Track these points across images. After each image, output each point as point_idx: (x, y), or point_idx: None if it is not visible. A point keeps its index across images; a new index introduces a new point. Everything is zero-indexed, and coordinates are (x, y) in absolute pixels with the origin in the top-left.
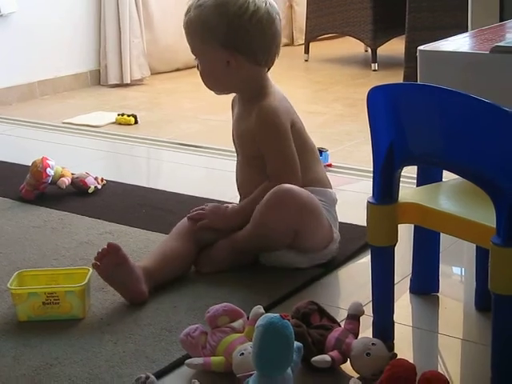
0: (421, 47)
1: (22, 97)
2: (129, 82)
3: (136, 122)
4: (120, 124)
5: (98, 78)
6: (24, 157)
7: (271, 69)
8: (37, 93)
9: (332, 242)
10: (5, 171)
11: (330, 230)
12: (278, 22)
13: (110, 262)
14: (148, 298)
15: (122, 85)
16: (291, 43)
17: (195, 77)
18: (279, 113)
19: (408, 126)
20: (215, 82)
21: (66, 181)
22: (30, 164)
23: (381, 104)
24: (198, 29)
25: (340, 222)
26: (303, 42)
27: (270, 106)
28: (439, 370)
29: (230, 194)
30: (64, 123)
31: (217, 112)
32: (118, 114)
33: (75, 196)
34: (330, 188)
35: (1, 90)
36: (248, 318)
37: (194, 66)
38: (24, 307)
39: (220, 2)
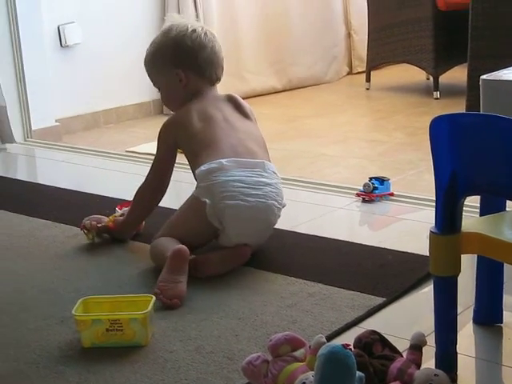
0: (483, 76)
1: (87, 126)
2: None
3: None
4: (181, 152)
5: (160, 108)
6: (87, 185)
7: (334, 97)
8: (101, 122)
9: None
10: (69, 199)
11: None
12: (216, 41)
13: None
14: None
15: None
16: (350, 71)
17: (260, 104)
18: (166, 124)
19: (471, 156)
20: (173, 101)
21: None
22: (93, 192)
23: (443, 134)
24: (152, 60)
25: (401, 252)
26: (362, 69)
27: (168, 118)
28: None
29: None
30: (127, 152)
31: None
32: None
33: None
34: (218, 158)
35: (66, 120)
36: (310, 347)
37: (257, 94)
38: (88, 334)
39: (164, 31)
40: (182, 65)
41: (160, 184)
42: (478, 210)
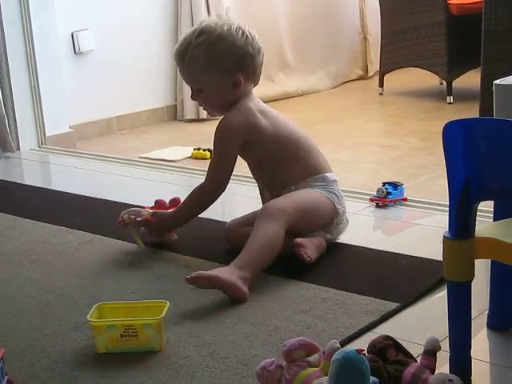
0: (496, 81)
1: (101, 132)
2: (205, 117)
3: (211, 157)
4: (196, 158)
5: (174, 113)
6: (101, 191)
7: (347, 103)
8: (115, 128)
9: (338, 216)
10: (83, 205)
11: (333, 208)
12: None
13: (205, 285)
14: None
15: (198, 120)
16: (365, 75)
17: None
18: (231, 124)
19: (485, 161)
20: (220, 103)
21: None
22: (107, 198)
23: (457, 138)
24: (209, 60)
25: (416, 257)
26: (374, 73)
27: (228, 117)
28: None
29: None
30: (141, 158)
31: None
32: (194, 149)
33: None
34: (329, 171)
35: (80, 126)
36: (324, 352)
37: (269, 100)
38: (102, 339)
39: (223, 35)
40: (242, 69)
41: (220, 187)
42: (492, 215)
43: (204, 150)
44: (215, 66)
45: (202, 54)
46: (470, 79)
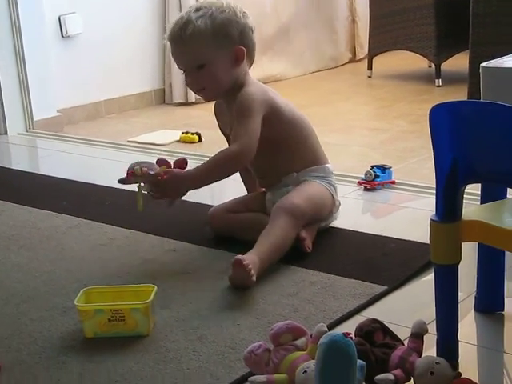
0: (483, 64)
1: (89, 116)
2: (193, 100)
3: (200, 140)
4: (184, 142)
5: (162, 97)
6: (89, 175)
7: (336, 86)
8: (103, 112)
9: (334, 208)
10: (71, 189)
11: (332, 200)
12: None
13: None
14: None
15: (186, 103)
16: (353, 58)
17: None
18: (253, 96)
19: (471, 144)
20: (220, 84)
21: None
22: (95, 182)
23: (443, 122)
24: (212, 34)
25: (404, 240)
26: (364, 56)
27: (247, 90)
28: None
29: None
30: (129, 141)
31: None
32: (183, 133)
33: (140, 214)
34: (328, 162)
35: (68, 110)
36: (311, 335)
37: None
38: (90, 324)
39: (222, 8)
40: (243, 43)
41: (251, 154)
42: (479, 198)
43: (192, 134)
44: (222, 36)
45: (206, 25)
46: (459, 62)
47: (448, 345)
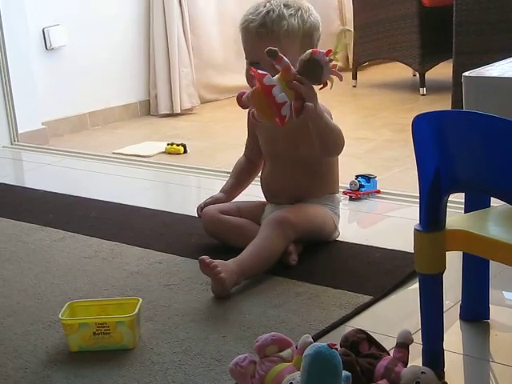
0: (465, 73)
1: (73, 128)
2: (179, 111)
3: (185, 152)
4: (170, 153)
5: (147, 108)
6: (75, 187)
7: (320, 95)
8: (88, 124)
9: (333, 236)
10: (56, 202)
11: (333, 226)
12: None
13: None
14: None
15: (171, 114)
16: (346, 67)
17: None
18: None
19: (454, 153)
20: None
21: None
22: (80, 195)
23: (426, 131)
24: (301, 37)
25: (389, 249)
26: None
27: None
28: None
29: None
30: (114, 153)
31: None
32: (168, 144)
33: (125, 226)
34: (338, 191)
35: (53, 122)
36: (296, 347)
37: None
38: (75, 337)
39: (310, 12)
40: (317, 47)
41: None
42: (463, 207)
43: (178, 145)
44: (308, 38)
45: (299, 25)
46: (443, 71)
47: (433, 354)
